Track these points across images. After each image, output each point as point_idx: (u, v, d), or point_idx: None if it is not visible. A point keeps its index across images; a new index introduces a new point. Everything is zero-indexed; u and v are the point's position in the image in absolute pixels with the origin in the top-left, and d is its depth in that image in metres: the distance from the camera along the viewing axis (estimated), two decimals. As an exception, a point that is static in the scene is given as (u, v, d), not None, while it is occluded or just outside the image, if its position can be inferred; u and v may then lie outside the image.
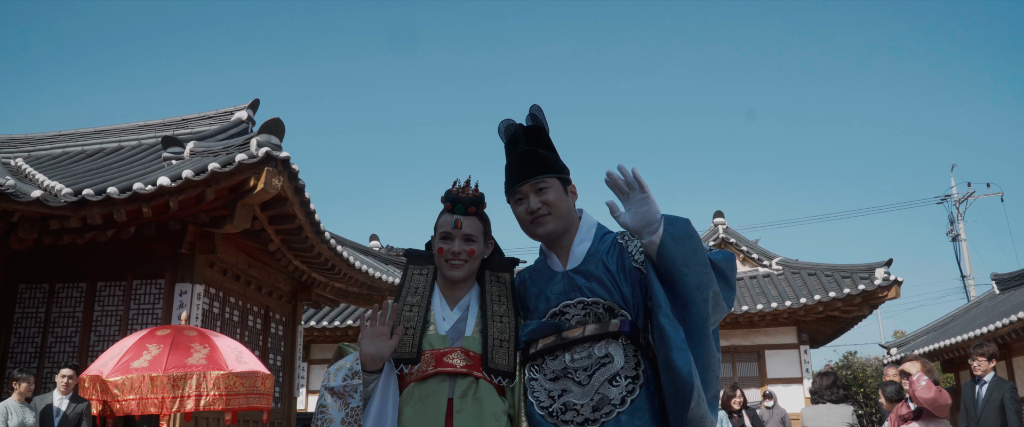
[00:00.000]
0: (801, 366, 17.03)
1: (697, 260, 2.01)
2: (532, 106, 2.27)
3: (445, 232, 2.22)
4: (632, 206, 2.07)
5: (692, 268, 2.00)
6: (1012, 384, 6.96)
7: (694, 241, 2.04)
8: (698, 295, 1.99)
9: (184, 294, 8.59)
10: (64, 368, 6.61)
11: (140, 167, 9.08)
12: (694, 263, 2.01)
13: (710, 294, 2.01)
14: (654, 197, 2.06)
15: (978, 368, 6.77)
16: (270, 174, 7.55)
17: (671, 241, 2.01)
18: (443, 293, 2.27)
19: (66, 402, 6.51)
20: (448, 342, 2.15)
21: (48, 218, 7.50)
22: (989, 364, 6.75)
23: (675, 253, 2.00)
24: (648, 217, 2.05)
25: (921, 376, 5.23)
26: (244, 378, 6.53)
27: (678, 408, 1.97)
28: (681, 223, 2.05)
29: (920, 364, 5.40)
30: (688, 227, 2.06)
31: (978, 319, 17.81)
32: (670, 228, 2.03)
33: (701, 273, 2.01)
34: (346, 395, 2.05)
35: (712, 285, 2.02)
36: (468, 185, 2.27)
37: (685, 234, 2.03)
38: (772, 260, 18.64)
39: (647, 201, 2.05)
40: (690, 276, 2.00)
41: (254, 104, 10.62)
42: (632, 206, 2.07)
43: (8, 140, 11.26)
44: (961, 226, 28.76)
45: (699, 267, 2.01)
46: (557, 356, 2.12)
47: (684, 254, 2.01)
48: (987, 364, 6.74)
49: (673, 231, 2.03)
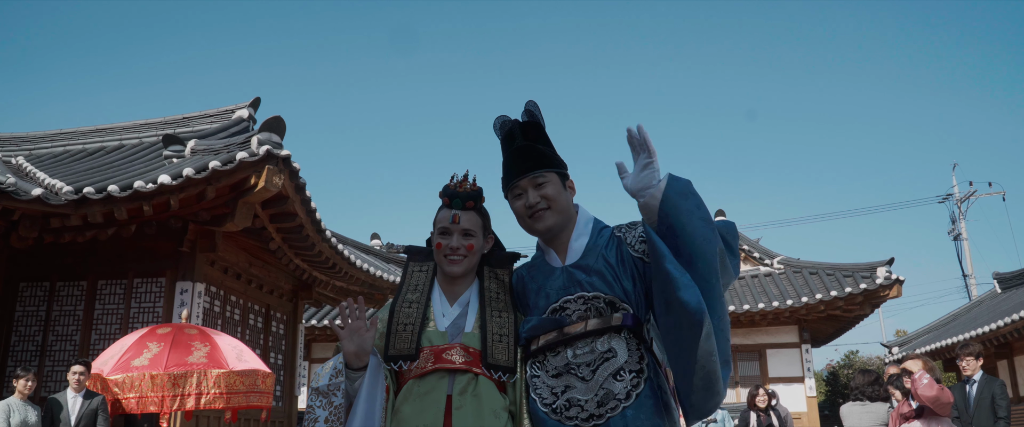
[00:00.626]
0: (803, 365, 17.03)
1: (701, 216, 2.00)
2: (528, 102, 2.26)
3: (443, 227, 2.21)
4: (637, 169, 2.09)
5: (696, 222, 1.99)
6: (1001, 381, 6.96)
7: (697, 198, 2.03)
8: (706, 247, 1.97)
9: (185, 292, 8.58)
10: (75, 364, 6.53)
11: (141, 165, 9.08)
12: (698, 218, 1.99)
13: (717, 249, 1.99)
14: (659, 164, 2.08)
15: (967, 368, 6.78)
16: (271, 172, 7.54)
17: (674, 194, 2.01)
18: (443, 289, 2.25)
19: (80, 399, 6.46)
20: (447, 338, 2.13)
21: (49, 216, 7.50)
22: (977, 363, 6.77)
23: (679, 206, 1.99)
24: (651, 177, 2.06)
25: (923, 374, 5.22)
26: (244, 377, 6.52)
27: (687, 337, 1.90)
28: (684, 181, 2.07)
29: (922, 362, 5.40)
30: (690, 186, 2.06)
31: (980, 318, 17.79)
32: (673, 183, 2.03)
33: (706, 227, 1.99)
34: (330, 394, 2.04)
35: (718, 242, 2.01)
36: (466, 179, 2.25)
37: (688, 190, 2.04)
38: (773, 259, 18.63)
39: (651, 166, 2.07)
40: (697, 229, 1.98)
41: (255, 102, 10.61)
42: (637, 169, 2.09)
43: (9, 138, 11.26)
44: (963, 225, 28.75)
45: (703, 222, 2.00)
46: (559, 352, 2.10)
47: (688, 208, 2.00)
48: (975, 363, 6.75)
49: (677, 186, 2.03)
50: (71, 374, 6.45)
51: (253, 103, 10.57)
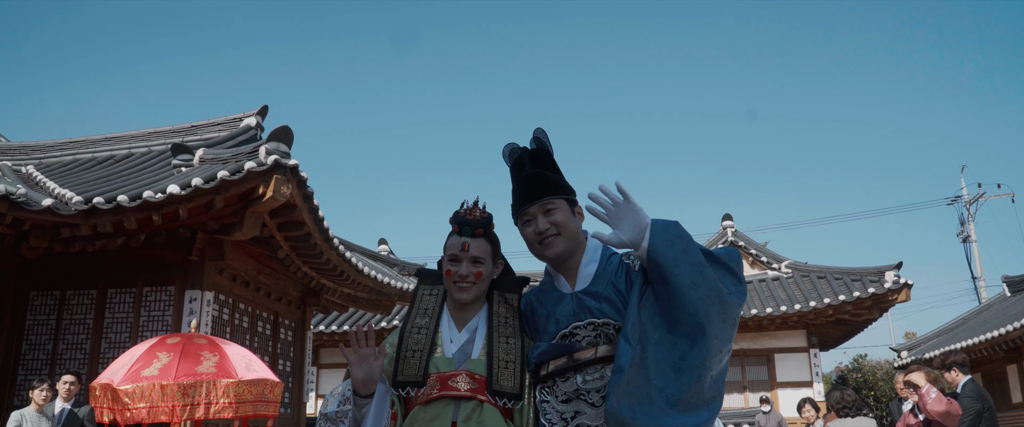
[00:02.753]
0: (811, 369, 16.98)
1: (688, 260, 2.00)
2: (536, 130, 2.29)
3: (453, 254, 2.22)
4: (620, 222, 2.07)
5: (683, 268, 1.98)
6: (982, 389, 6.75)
7: (684, 242, 2.03)
8: (693, 293, 1.97)
9: (194, 301, 8.62)
10: (66, 374, 6.69)
11: (150, 174, 9.13)
12: (685, 263, 1.99)
13: (706, 292, 1.98)
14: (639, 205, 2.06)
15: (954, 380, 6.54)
16: (279, 182, 7.58)
17: (660, 244, 2.01)
18: (452, 314, 2.26)
19: (68, 409, 6.58)
20: (454, 365, 2.15)
21: (59, 226, 7.55)
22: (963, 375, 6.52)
23: (665, 255, 2.00)
24: (639, 225, 2.05)
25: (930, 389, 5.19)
26: (253, 386, 6.55)
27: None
28: (669, 226, 2.05)
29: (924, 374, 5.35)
30: (677, 229, 2.05)
31: (990, 322, 17.72)
32: (658, 233, 2.03)
33: (693, 272, 1.99)
34: (338, 420, 2.07)
35: (708, 283, 2.00)
36: (475, 207, 2.26)
37: (674, 236, 2.03)
38: (781, 263, 18.59)
39: (634, 210, 2.06)
40: (682, 276, 1.98)
41: (263, 110, 10.67)
42: (620, 222, 2.07)
43: (19, 147, 11.34)
44: (972, 227, 28.63)
45: (690, 267, 1.99)
46: (568, 378, 2.11)
47: (674, 255, 2.00)
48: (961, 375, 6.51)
49: (662, 235, 2.03)
50: (61, 384, 6.60)
51: (261, 111, 10.62)
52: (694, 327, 1.97)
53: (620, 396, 1.92)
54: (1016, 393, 16.60)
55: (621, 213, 2.07)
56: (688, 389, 1.96)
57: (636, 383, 1.94)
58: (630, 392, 1.93)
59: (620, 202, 2.07)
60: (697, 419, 1.97)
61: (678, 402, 1.95)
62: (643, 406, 1.92)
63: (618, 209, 2.07)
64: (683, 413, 1.95)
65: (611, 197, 2.07)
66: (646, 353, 1.97)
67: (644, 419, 1.91)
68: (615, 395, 1.93)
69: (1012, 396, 16.78)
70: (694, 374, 1.97)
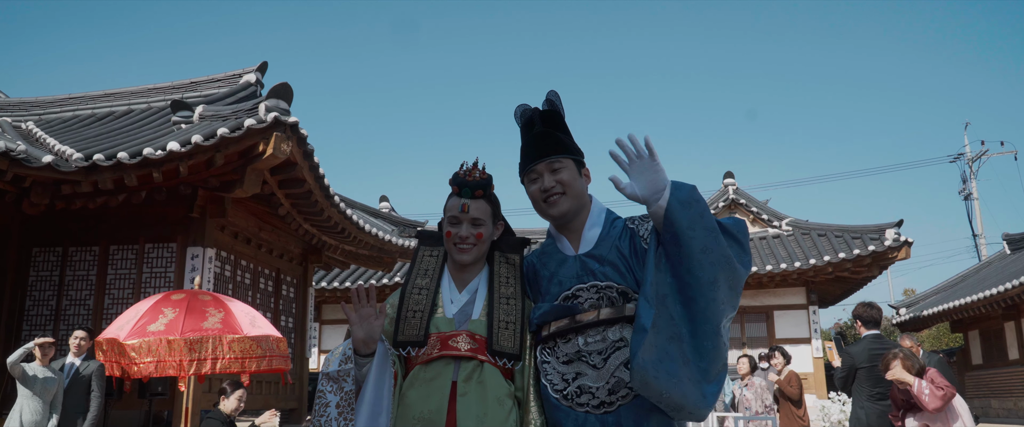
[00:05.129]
0: (809, 326, 17.11)
1: (703, 225, 2.02)
2: (549, 91, 2.28)
3: (453, 216, 2.22)
4: (639, 175, 2.07)
5: (697, 231, 2.01)
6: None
7: (700, 205, 2.04)
8: (704, 258, 2.00)
9: (196, 257, 8.66)
10: (77, 330, 6.74)
11: (150, 131, 9.09)
12: (700, 227, 2.01)
13: (717, 257, 2.01)
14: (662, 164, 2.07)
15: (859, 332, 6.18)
16: (279, 139, 7.55)
17: (677, 205, 2.02)
18: (453, 276, 2.27)
19: (77, 363, 6.66)
20: (454, 325, 2.16)
21: (60, 183, 7.54)
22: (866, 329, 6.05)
23: (681, 217, 2.01)
24: (657, 184, 2.05)
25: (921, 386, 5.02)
26: (259, 341, 6.61)
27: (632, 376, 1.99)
28: (687, 188, 2.07)
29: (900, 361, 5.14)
30: (694, 192, 2.07)
31: (988, 280, 17.79)
32: (677, 192, 2.04)
33: (707, 237, 2.01)
34: (341, 380, 2.07)
35: (719, 249, 2.02)
36: (475, 167, 2.25)
37: (691, 198, 2.04)
38: (782, 221, 18.60)
39: (656, 168, 2.06)
40: (696, 240, 2.00)
41: (262, 66, 10.57)
42: (639, 175, 2.07)
43: (19, 103, 11.27)
44: (974, 185, 28.60)
45: (705, 231, 2.01)
46: (570, 339, 2.12)
47: (690, 217, 2.01)
48: (863, 329, 6.06)
49: (680, 196, 2.04)
50: (72, 339, 6.66)
51: (260, 67, 10.53)
52: (703, 291, 1.99)
53: (646, 355, 1.94)
54: (1013, 350, 16.75)
55: (642, 167, 2.07)
56: (702, 352, 1.99)
57: (657, 344, 1.97)
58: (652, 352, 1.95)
59: (644, 156, 2.06)
60: (711, 389, 2.00)
61: (693, 364, 1.98)
62: (665, 365, 1.95)
63: (640, 163, 2.07)
64: (700, 375, 1.99)
65: (637, 148, 2.07)
66: (661, 314, 2.00)
67: (666, 378, 1.94)
68: (641, 353, 1.95)
69: (1009, 353, 16.93)
70: (707, 338, 2.00)
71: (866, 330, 5.93)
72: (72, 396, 6.61)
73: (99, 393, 6.67)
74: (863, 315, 5.97)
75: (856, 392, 5.83)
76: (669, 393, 1.94)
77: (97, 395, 6.65)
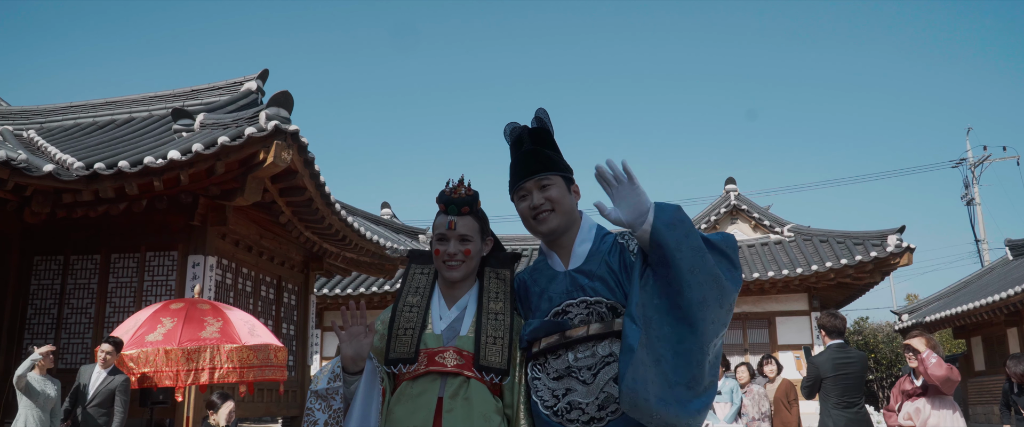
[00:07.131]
0: (812, 332, 17.07)
1: (689, 245, 2.02)
2: (538, 109, 2.30)
3: (440, 233, 2.23)
4: (622, 200, 2.08)
5: (684, 252, 2.01)
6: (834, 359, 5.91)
7: (685, 226, 2.05)
8: (692, 278, 2.00)
9: (197, 265, 8.67)
10: (104, 343, 6.62)
11: (151, 139, 9.11)
12: (686, 247, 2.01)
13: (704, 277, 2.01)
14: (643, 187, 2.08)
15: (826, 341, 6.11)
16: (279, 147, 7.57)
17: (663, 226, 2.02)
18: (443, 293, 2.27)
19: (103, 375, 6.58)
20: (442, 341, 2.16)
21: (61, 192, 7.57)
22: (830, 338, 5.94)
23: (667, 238, 2.01)
24: (640, 207, 2.06)
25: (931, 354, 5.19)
26: (257, 351, 6.61)
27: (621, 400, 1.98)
28: (671, 209, 2.07)
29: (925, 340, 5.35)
30: (678, 213, 2.07)
31: (991, 286, 17.74)
32: (661, 215, 2.04)
33: (694, 257, 2.01)
34: (329, 397, 2.08)
35: (707, 268, 2.02)
36: (461, 184, 2.26)
37: (676, 219, 2.04)
38: (784, 227, 18.57)
39: (636, 192, 2.07)
40: (683, 260, 2.00)
41: (263, 74, 10.60)
42: (622, 200, 2.08)
43: (20, 111, 11.31)
44: (976, 190, 28.54)
45: (692, 251, 2.01)
46: (560, 355, 2.12)
47: (676, 239, 2.01)
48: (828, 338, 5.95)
49: (664, 217, 2.04)
50: (99, 351, 6.56)
51: (261, 75, 10.56)
52: (692, 311, 1.99)
53: (634, 375, 1.95)
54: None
55: (623, 192, 2.08)
56: (688, 372, 1.99)
57: (645, 364, 1.97)
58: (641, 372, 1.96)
59: (624, 181, 2.07)
60: (699, 404, 1.99)
61: (678, 384, 1.97)
62: (652, 386, 1.95)
63: (621, 187, 2.08)
64: (687, 394, 1.98)
65: (616, 173, 2.08)
66: (649, 334, 2.00)
67: (655, 401, 1.94)
68: (629, 374, 1.95)
69: (1012, 359, 16.85)
70: (693, 357, 1.99)
71: (830, 339, 5.89)
72: (96, 408, 6.55)
73: (122, 408, 6.59)
74: (827, 325, 5.92)
75: (823, 400, 5.83)
76: (659, 413, 1.94)
77: (120, 410, 6.58)
